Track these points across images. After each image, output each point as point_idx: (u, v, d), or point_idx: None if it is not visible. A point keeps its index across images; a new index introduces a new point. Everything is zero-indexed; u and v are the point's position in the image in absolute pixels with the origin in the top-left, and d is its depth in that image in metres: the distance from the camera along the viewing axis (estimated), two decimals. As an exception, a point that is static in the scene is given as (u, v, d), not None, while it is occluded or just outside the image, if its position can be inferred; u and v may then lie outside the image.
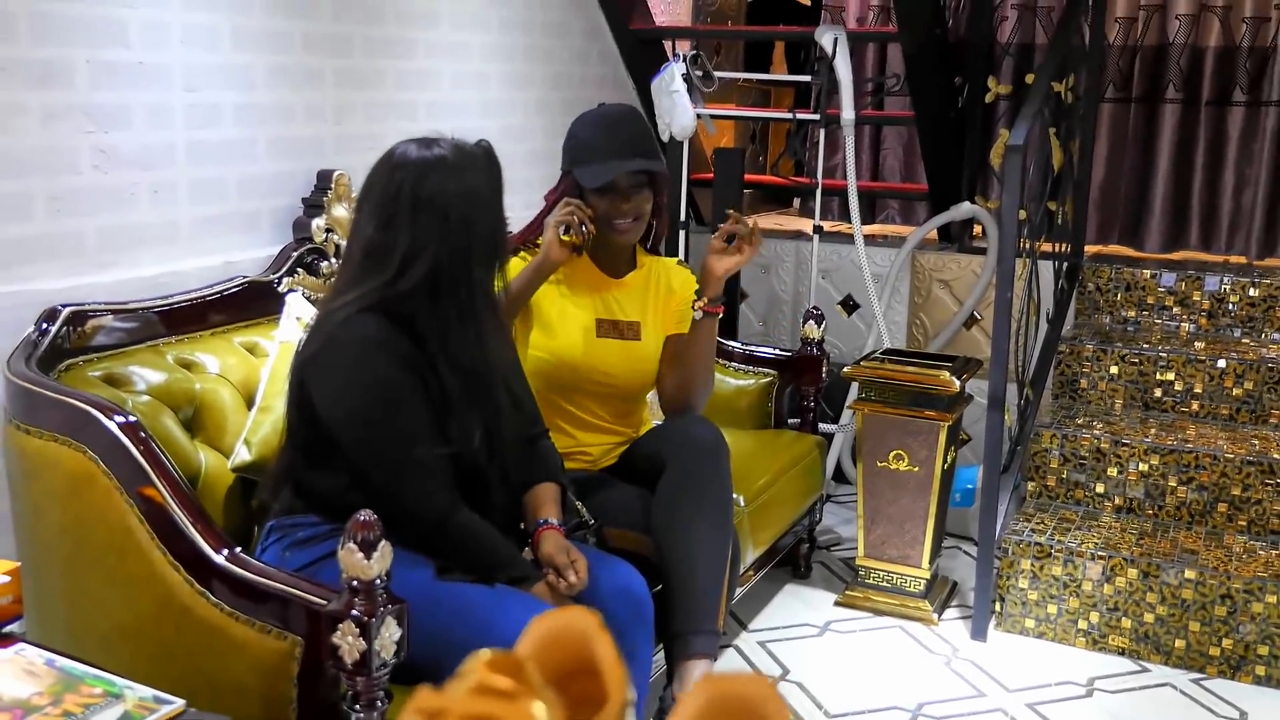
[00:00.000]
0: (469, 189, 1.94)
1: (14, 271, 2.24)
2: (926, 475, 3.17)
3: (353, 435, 1.89)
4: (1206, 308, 3.78)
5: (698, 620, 2.21)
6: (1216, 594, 2.93)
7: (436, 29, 3.30)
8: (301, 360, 1.96)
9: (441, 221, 1.92)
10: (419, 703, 0.51)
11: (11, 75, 2.20)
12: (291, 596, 1.72)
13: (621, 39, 4.14)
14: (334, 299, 1.98)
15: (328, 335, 1.92)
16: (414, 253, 1.91)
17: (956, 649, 3.06)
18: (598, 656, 0.58)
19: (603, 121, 2.47)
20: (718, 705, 0.53)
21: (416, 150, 1.96)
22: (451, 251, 1.92)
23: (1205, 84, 4.15)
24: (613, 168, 2.38)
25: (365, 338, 1.89)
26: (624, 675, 0.57)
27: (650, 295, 2.57)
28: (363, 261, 1.95)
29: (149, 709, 1.48)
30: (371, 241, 1.94)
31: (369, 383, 1.88)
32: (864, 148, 4.76)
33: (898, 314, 4.16)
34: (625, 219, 2.44)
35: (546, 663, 0.59)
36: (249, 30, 2.69)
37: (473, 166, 1.97)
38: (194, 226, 2.60)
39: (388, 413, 1.88)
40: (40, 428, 1.96)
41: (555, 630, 0.59)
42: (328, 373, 1.91)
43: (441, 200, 1.92)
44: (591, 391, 2.51)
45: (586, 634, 0.58)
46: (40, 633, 2.02)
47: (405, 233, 1.91)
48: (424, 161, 1.94)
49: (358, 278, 1.94)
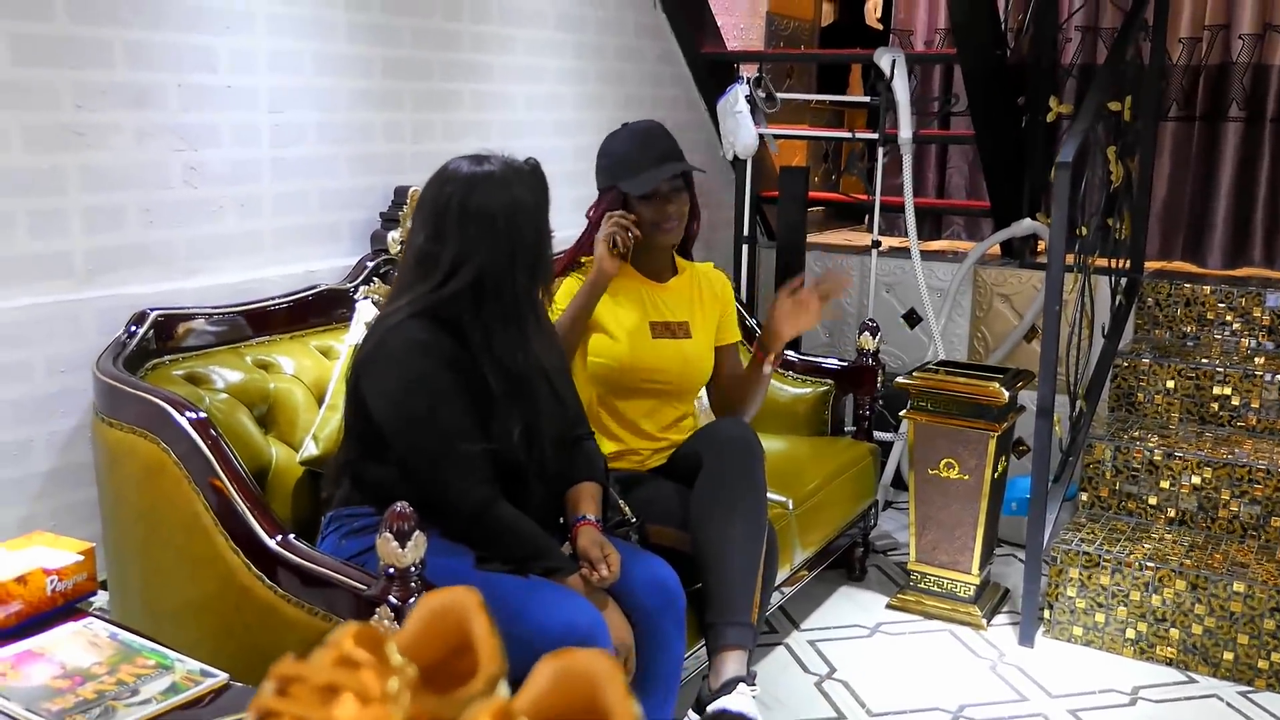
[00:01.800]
0: (514, 201, 1.96)
1: (108, 277, 2.32)
2: (976, 483, 3.09)
3: (398, 429, 1.92)
4: (1267, 324, 3.62)
5: (731, 612, 2.19)
6: (1266, 607, 2.80)
7: (512, 54, 3.33)
8: (357, 361, 2.01)
9: (487, 231, 1.94)
10: (279, 669, 0.51)
11: (109, 97, 2.29)
12: (336, 581, 1.75)
13: (693, 62, 4.14)
14: (388, 304, 2.02)
15: (380, 338, 1.96)
16: (461, 260, 1.94)
17: (1003, 654, 2.98)
18: (474, 632, 0.57)
19: (635, 136, 2.52)
20: (562, 680, 0.52)
21: (467, 166, 1.99)
22: (496, 259, 1.94)
23: (1269, 102, 3.99)
24: (655, 175, 2.42)
25: (411, 340, 1.91)
26: (497, 649, 0.56)
27: (694, 296, 2.60)
28: (414, 269, 1.98)
29: (195, 680, 1.51)
30: (421, 250, 1.97)
31: (413, 381, 1.91)
32: (930, 166, 4.68)
33: (959, 327, 4.08)
34: (671, 221, 2.48)
35: (431, 639, 0.59)
36: (332, 55, 2.75)
37: (519, 181, 1.99)
38: (277, 237, 2.67)
39: (430, 410, 1.90)
40: (121, 420, 2.02)
41: (438, 608, 0.59)
42: (379, 372, 1.95)
43: (488, 211, 1.94)
44: (649, 391, 2.52)
45: (466, 611, 0.58)
46: (121, 608, 2.09)
47: (453, 241, 1.94)
48: (473, 176, 1.97)
49: (409, 284, 1.98)
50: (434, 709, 0.53)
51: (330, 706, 0.49)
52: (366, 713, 0.49)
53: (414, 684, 0.51)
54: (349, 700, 0.50)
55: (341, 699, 0.50)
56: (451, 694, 0.54)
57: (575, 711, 0.52)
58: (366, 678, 0.50)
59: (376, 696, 0.50)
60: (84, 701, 1.41)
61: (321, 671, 0.51)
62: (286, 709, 0.49)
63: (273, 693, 0.50)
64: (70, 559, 1.65)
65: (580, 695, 0.52)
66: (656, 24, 4.00)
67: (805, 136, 4.99)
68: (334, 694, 0.50)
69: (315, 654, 0.52)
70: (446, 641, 0.59)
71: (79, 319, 2.27)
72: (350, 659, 0.51)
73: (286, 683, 0.50)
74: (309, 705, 0.49)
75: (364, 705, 0.49)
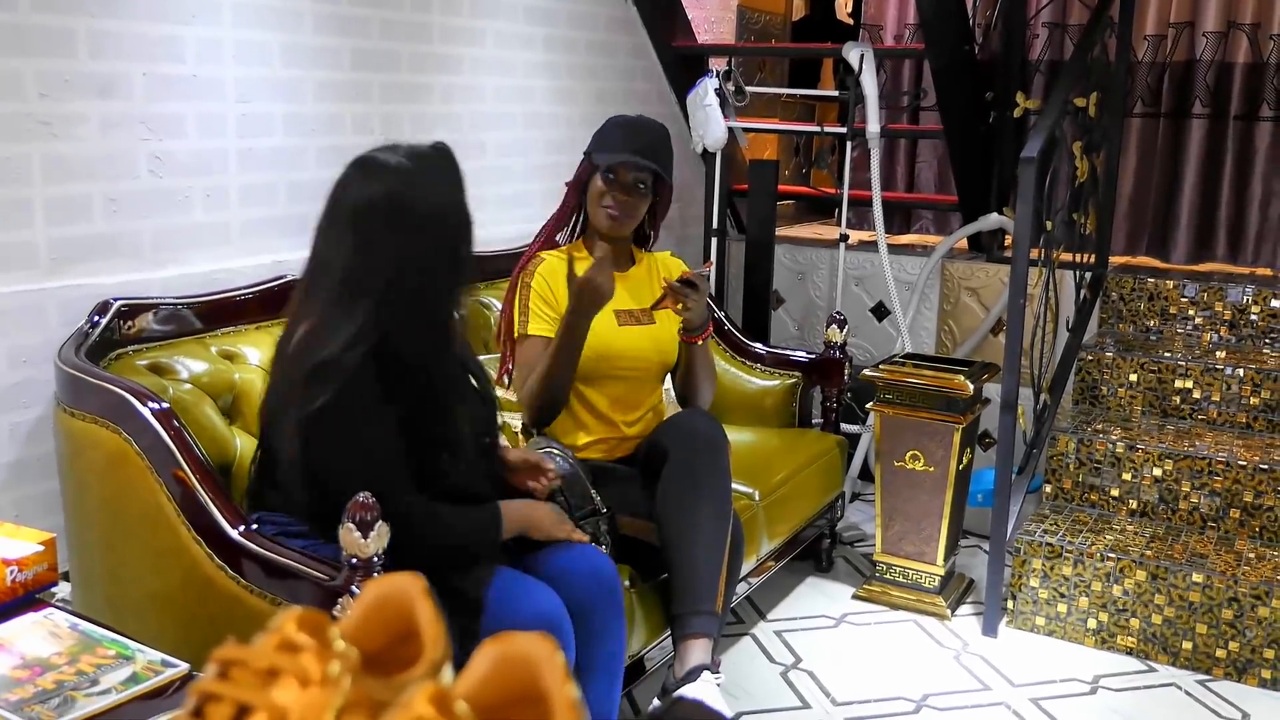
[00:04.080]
0: (442, 197, 1.83)
1: (73, 267, 2.31)
2: (942, 475, 3.12)
3: (344, 490, 1.70)
4: (1228, 318, 3.67)
5: (696, 601, 2.21)
6: (1224, 597, 2.84)
7: (482, 46, 3.33)
8: (310, 414, 1.75)
9: (417, 233, 1.78)
10: (221, 653, 0.52)
11: (74, 87, 2.27)
12: (299, 572, 1.75)
13: (664, 56, 4.14)
14: (322, 334, 1.77)
15: (335, 397, 1.74)
16: (394, 271, 1.78)
17: (967, 644, 3.01)
18: (418, 619, 0.58)
19: (630, 123, 2.57)
20: (501, 664, 0.53)
21: (383, 159, 1.82)
22: (428, 263, 1.80)
23: (1233, 99, 4.04)
24: (622, 157, 2.46)
25: (370, 410, 1.76)
26: (440, 635, 0.57)
27: (655, 282, 2.63)
28: (340, 285, 1.79)
29: (156, 670, 1.51)
30: (347, 263, 1.80)
31: (371, 453, 1.78)
32: (899, 160, 4.71)
33: (927, 320, 4.11)
34: (615, 208, 2.49)
35: (376, 625, 0.60)
36: (299, 46, 2.74)
37: (439, 173, 1.83)
38: (244, 228, 2.66)
39: (383, 479, 1.75)
40: (84, 411, 2.01)
41: (382, 595, 0.59)
42: (335, 443, 1.77)
43: (419, 212, 1.79)
44: (617, 378, 2.53)
45: (410, 598, 0.59)
46: (84, 599, 2.08)
47: (384, 250, 1.77)
48: (399, 172, 1.81)
49: (338, 301, 1.79)
50: (375, 693, 0.53)
51: (270, 689, 0.50)
52: (306, 695, 0.50)
53: (356, 668, 0.52)
54: (289, 683, 0.50)
55: (282, 682, 0.50)
56: (393, 679, 0.55)
57: (514, 695, 0.53)
58: (307, 661, 0.50)
59: (317, 680, 0.50)
60: (43, 692, 1.41)
61: (263, 655, 0.51)
62: (227, 691, 0.50)
63: (214, 676, 0.51)
64: (31, 549, 1.65)
65: (519, 679, 0.53)
66: (628, 17, 4.00)
67: (773, 130, 5.00)
68: (274, 677, 0.50)
69: (258, 638, 0.53)
70: (391, 628, 0.59)
71: (43, 309, 2.26)
72: (292, 643, 0.52)
73: (227, 666, 0.51)
74: (249, 688, 0.50)
75: (304, 688, 0.50)
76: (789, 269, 4.32)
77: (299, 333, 1.81)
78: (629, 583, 2.26)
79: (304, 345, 1.79)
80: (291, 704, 0.50)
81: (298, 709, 0.50)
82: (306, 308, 1.83)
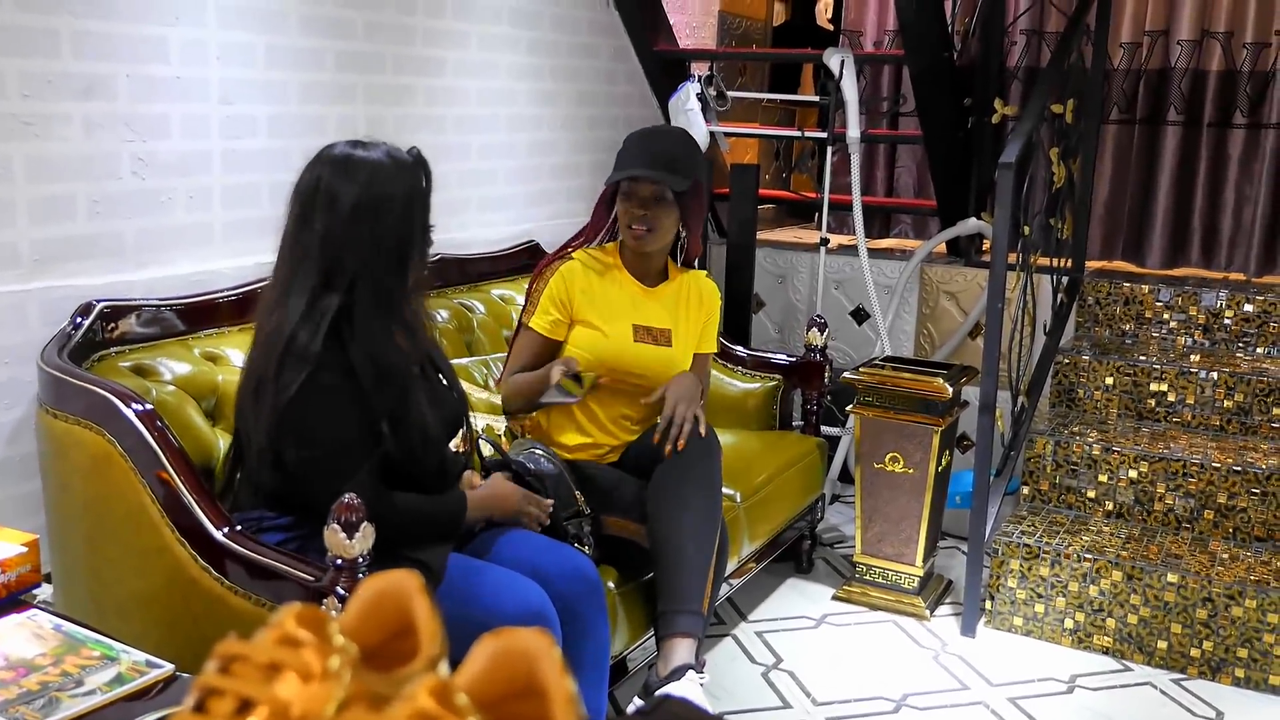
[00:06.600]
0: (383, 190, 1.85)
1: (56, 268, 2.29)
2: (921, 477, 3.14)
3: (317, 480, 1.80)
4: (1203, 322, 3.71)
5: (682, 600, 2.22)
6: (1198, 597, 2.87)
7: (465, 49, 3.33)
8: (284, 404, 1.80)
9: (352, 219, 1.83)
10: (222, 648, 0.52)
11: (57, 87, 2.26)
12: (283, 573, 1.75)
13: (646, 60, 4.15)
14: (292, 319, 1.84)
15: (303, 387, 1.79)
16: (331, 250, 1.83)
17: (946, 644, 3.03)
18: (415, 614, 0.58)
19: (644, 134, 2.55)
20: (499, 658, 0.53)
21: (340, 150, 1.88)
22: (361, 249, 1.83)
23: (1207, 107, 4.08)
24: (629, 171, 2.43)
25: (339, 402, 1.81)
26: (437, 631, 0.58)
27: (680, 305, 2.61)
28: (288, 259, 1.88)
29: (141, 671, 1.50)
30: (291, 236, 1.88)
31: (338, 443, 1.81)
32: (879, 165, 4.74)
33: (906, 324, 4.13)
34: (639, 225, 2.47)
35: (373, 621, 0.60)
36: (284, 48, 2.74)
37: (392, 170, 1.86)
38: (227, 229, 2.65)
39: (353, 468, 1.81)
40: (67, 412, 2.00)
41: (379, 591, 0.60)
42: (305, 432, 1.82)
43: (350, 198, 1.83)
44: (622, 391, 2.53)
45: (407, 593, 0.59)
46: (67, 601, 2.07)
47: (319, 227, 1.84)
48: (347, 160, 1.85)
49: (289, 279, 1.86)
50: (374, 687, 0.54)
51: (272, 684, 0.50)
52: (308, 690, 0.50)
53: (355, 663, 0.53)
54: (291, 678, 0.51)
55: (283, 677, 0.51)
56: (392, 673, 0.56)
57: (513, 689, 0.54)
58: (308, 656, 0.51)
59: (318, 674, 0.51)
60: (27, 693, 1.40)
61: (264, 650, 0.52)
62: (229, 686, 0.50)
63: (215, 671, 0.51)
64: (14, 551, 1.64)
65: (518, 673, 0.53)
66: (610, 21, 4.01)
67: (754, 135, 5.02)
68: (276, 672, 0.51)
69: (258, 634, 0.53)
70: (388, 623, 0.60)
71: (25, 310, 2.24)
72: (293, 638, 0.52)
73: (229, 661, 0.51)
74: (251, 682, 0.50)
75: (305, 682, 0.50)
76: (770, 272, 4.34)
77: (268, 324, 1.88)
78: (612, 584, 2.27)
79: (269, 332, 1.85)
80: (293, 698, 0.50)
81: (300, 703, 0.50)
82: (277, 284, 1.91)
